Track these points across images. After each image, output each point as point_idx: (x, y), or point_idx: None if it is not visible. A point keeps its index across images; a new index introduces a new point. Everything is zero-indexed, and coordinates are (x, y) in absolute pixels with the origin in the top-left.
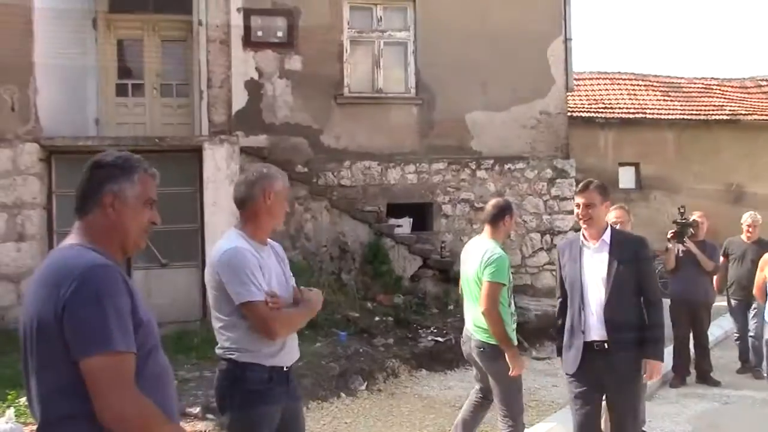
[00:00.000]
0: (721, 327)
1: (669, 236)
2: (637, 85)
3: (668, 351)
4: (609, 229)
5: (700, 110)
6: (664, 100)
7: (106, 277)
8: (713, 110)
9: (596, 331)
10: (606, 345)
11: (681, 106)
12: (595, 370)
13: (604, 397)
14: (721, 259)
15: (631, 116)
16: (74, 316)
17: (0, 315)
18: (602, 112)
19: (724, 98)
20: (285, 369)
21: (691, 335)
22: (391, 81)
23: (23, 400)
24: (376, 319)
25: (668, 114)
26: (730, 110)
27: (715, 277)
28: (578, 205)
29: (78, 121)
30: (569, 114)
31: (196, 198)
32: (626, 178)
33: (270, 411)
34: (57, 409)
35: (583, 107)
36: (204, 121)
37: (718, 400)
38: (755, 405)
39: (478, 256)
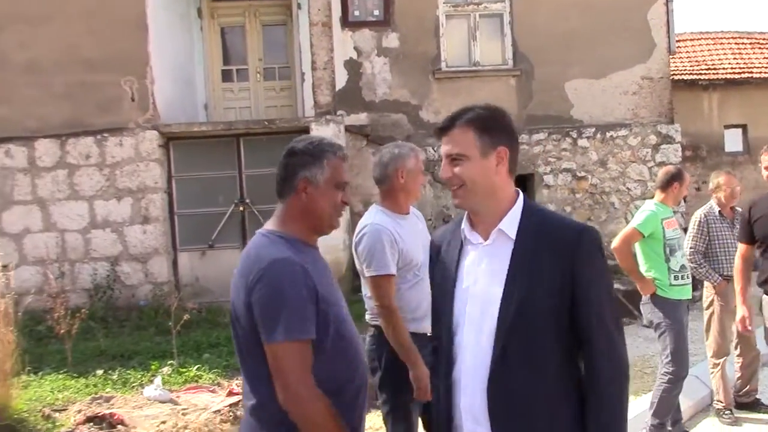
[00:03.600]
0: None
1: None
2: (742, 43)
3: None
4: (520, 205)
5: None
6: None
7: (284, 270)
8: None
9: (471, 424)
10: None
11: None
12: None
13: None
14: None
15: (736, 76)
16: (257, 306)
17: (131, 293)
18: (706, 74)
19: None
20: (427, 335)
21: None
22: (487, 53)
23: (166, 369)
24: None
25: None
26: None
27: None
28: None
29: (189, 107)
30: (672, 77)
31: None
32: (733, 140)
33: None
34: (258, 394)
35: (686, 70)
36: (307, 102)
37: None
38: None
39: None
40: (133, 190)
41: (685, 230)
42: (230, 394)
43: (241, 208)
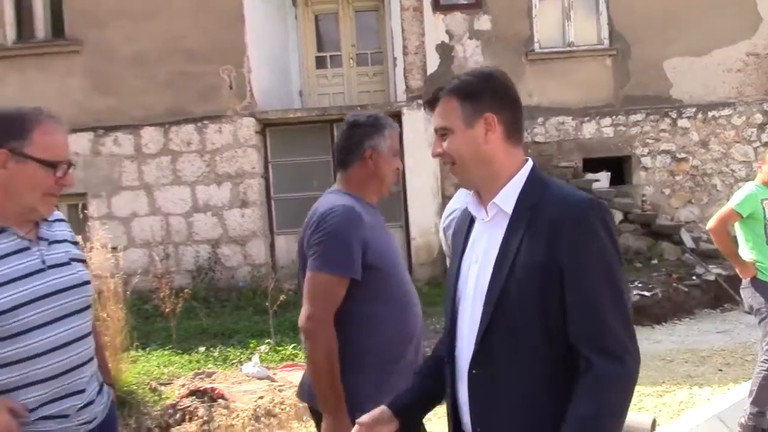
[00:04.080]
0: None
1: None
2: None
3: None
4: (522, 177)
5: None
6: None
7: (344, 215)
8: None
9: (465, 415)
10: None
11: None
12: None
13: None
14: None
15: None
16: (313, 239)
17: (230, 274)
18: None
19: None
20: None
21: None
22: (582, 33)
23: (264, 347)
24: None
25: None
26: None
27: None
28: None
29: (284, 94)
30: None
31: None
32: None
33: None
34: None
35: None
36: (399, 87)
37: None
38: None
39: None
40: (232, 175)
41: None
42: None
43: None
